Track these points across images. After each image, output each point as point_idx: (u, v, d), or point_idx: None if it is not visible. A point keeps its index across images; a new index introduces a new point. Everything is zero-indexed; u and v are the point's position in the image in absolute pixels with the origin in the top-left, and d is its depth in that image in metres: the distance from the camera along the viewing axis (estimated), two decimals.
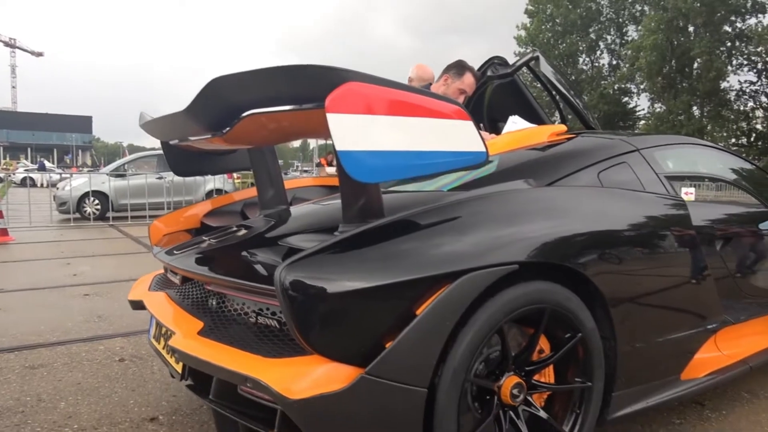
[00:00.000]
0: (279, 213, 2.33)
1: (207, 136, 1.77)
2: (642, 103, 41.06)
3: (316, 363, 1.40)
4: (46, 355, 3.06)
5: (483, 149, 1.52)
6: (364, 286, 1.39)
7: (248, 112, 1.55)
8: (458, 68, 3.08)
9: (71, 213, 10.95)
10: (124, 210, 11.02)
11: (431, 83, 3.33)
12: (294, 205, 2.55)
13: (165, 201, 11.11)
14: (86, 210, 11.17)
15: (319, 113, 1.33)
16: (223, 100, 1.55)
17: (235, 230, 2.20)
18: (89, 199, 11.17)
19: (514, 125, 2.83)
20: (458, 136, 1.49)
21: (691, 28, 34.82)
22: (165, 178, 11.24)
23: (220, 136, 1.66)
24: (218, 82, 1.48)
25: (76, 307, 4.13)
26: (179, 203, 10.42)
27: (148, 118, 2.03)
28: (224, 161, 2.58)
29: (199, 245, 2.10)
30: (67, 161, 62.98)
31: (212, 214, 2.64)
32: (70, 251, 7.07)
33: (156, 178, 11.42)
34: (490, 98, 3.59)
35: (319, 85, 1.34)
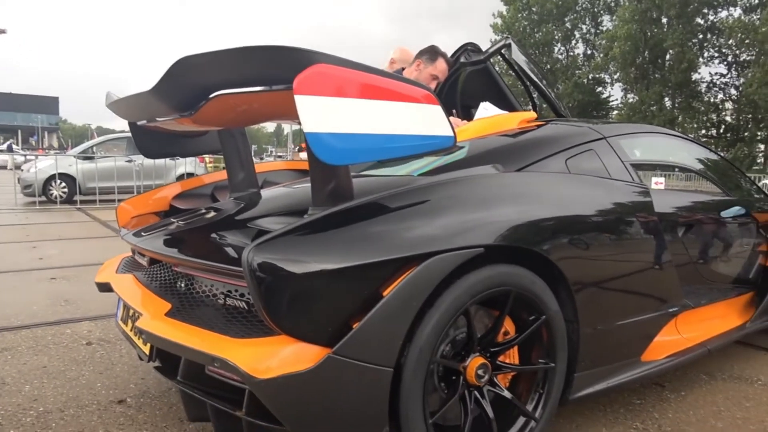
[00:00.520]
0: (249, 196, 2.32)
1: (175, 117, 1.75)
2: (615, 93, 41.71)
3: (284, 343, 1.42)
4: (10, 339, 3.00)
5: (451, 133, 1.53)
6: (332, 268, 1.41)
7: (216, 93, 1.53)
8: (431, 54, 3.08)
9: (36, 196, 10.70)
10: (93, 194, 10.80)
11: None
12: (265, 189, 2.54)
13: (134, 185, 10.91)
14: (52, 193, 10.92)
15: (288, 95, 1.32)
16: (191, 81, 1.53)
17: (205, 212, 2.18)
18: (56, 182, 10.90)
19: (485, 111, 2.86)
20: (426, 120, 1.50)
21: (665, 20, 35.39)
22: (134, 162, 11.03)
23: (188, 117, 1.64)
24: (186, 62, 1.46)
25: (42, 291, 4.06)
26: (149, 187, 10.24)
27: (115, 98, 1.99)
28: (195, 143, 2.55)
29: (168, 227, 2.09)
30: (33, 143, 61.20)
31: (181, 197, 2.61)
32: (36, 235, 6.91)
33: (125, 161, 11.20)
34: (464, 84, 3.60)
35: (288, 67, 1.33)
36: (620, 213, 2.11)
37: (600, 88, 40.86)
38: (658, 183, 3.02)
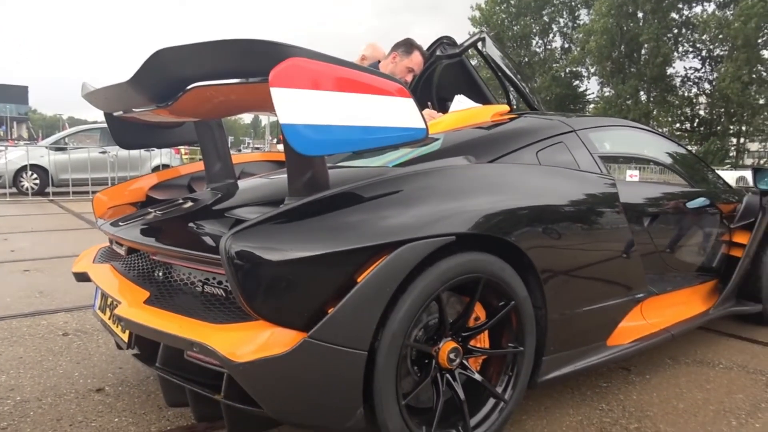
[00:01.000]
0: (226, 186, 2.35)
1: (152, 108, 1.77)
2: (592, 87, 42.47)
3: (261, 328, 1.46)
4: None
5: (423, 126, 1.58)
6: (308, 255, 1.45)
7: (193, 85, 1.56)
8: (407, 46, 3.13)
9: (7, 187, 10.50)
10: (66, 185, 10.62)
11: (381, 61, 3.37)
12: (242, 179, 2.56)
13: (109, 176, 10.75)
14: (24, 185, 10.72)
15: (264, 87, 1.36)
16: (168, 72, 1.56)
17: (182, 202, 2.20)
18: (27, 173, 10.70)
19: (460, 104, 2.92)
20: (399, 113, 1.55)
21: (641, 14, 35.88)
22: (109, 153, 10.87)
23: (165, 108, 1.67)
24: (163, 54, 1.48)
25: (15, 283, 4.02)
26: (124, 178, 10.11)
27: (91, 89, 2.00)
28: (171, 134, 2.56)
29: (145, 216, 2.10)
30: (1, 133, 59.64)
31: (158, 188, 2.62)
32: (7, 227, 6.80)
33: (99, 152, 11.04)
34: (439, 78, 3.66)
35: (264, 60, 1.37)
36: (588, 204, 2.18)
37: (577, 82, 41.37)
38: (633, 176, 3.12)
